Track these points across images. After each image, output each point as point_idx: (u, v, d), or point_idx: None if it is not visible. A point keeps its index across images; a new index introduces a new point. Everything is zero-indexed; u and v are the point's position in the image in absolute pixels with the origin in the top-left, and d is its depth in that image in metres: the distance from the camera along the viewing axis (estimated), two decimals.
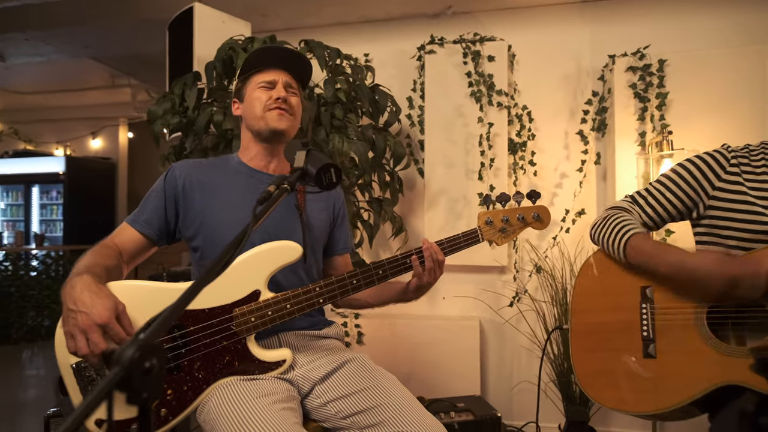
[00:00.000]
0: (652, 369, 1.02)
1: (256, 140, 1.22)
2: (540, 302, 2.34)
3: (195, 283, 0.59)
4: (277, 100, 1.16)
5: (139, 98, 5.78)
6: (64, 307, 0.90)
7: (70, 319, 0.88)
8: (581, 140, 2.37)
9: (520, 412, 2.39)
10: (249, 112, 1.20)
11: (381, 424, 0.98)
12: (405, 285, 1.18)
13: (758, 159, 1.05)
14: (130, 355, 0.47)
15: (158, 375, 0.49)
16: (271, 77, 1.19)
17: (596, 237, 1.16)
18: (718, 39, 2.28)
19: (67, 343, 0.89)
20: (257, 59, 1.20)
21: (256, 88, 1.19)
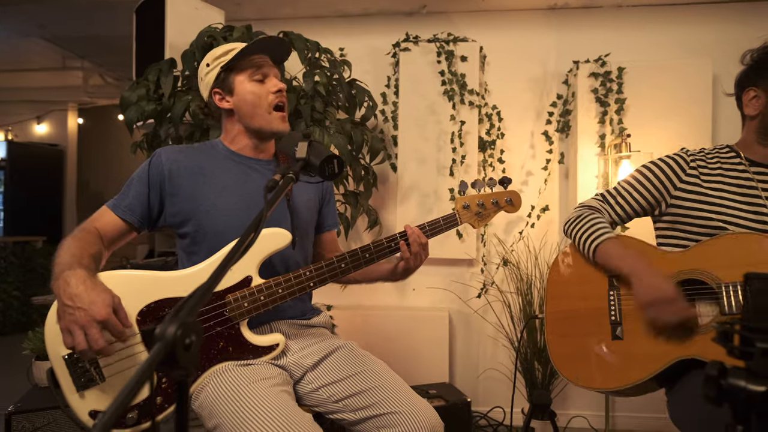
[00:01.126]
0: (619, 350, 1.12)
1: (249, 134, 1.20)
2: (506, 293, 2.46)
3: (220, 264, 0.61)
4: (278, 93, 1.16)
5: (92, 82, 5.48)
6: (58, 302, 0.89)
7: (67, 315, 0.86)
8: (546, 140, 2.50)
9: (486, 398, 2.50)
10: (247, 109, 1.16)
11: (373, 406, 1.03)
12: (393, 266, 1.22)
13: (713, 162, 1.17)
14: (173, 332, 0.49)
15: (195, 351, 0.51)
16: (263, 70, 1.17)
17: (570, 233, 1.26)
18: (671, 51, 2.47)
19: (63, 338, 0.87)
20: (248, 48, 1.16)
21: (247, 80, 1.16)
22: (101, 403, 0.94)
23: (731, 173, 1.15)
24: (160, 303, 1.00)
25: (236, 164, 1.20)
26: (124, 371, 0.96)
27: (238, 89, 1.17)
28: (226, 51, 1.17)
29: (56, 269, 0.92)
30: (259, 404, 0.92)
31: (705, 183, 1.15)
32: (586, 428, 2.43)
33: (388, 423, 0.99)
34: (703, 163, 1.18)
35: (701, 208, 1.13)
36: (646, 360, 1.07)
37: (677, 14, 2.49)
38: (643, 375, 1.06)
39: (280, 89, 1.17)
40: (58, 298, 0.89)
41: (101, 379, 0.94)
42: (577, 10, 2.57)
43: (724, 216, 1.09)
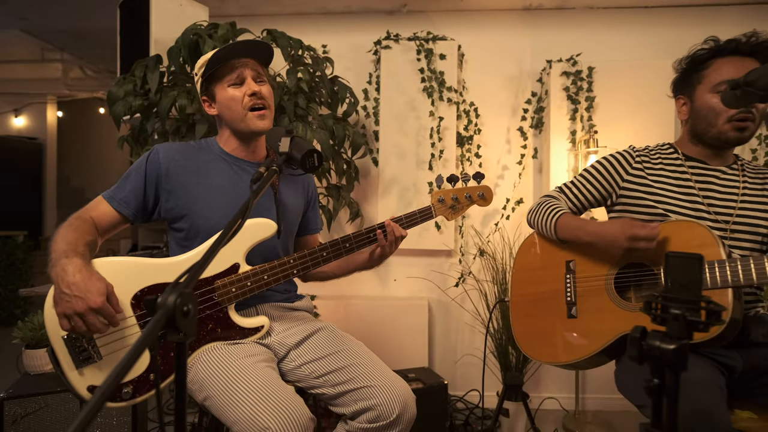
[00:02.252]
0: (574, 327, 1.24)
1: (236, 136, 1.27)
2: (483, 282, 2.58)
3: (213, 244, 0.69)
4: (252, 96, 1.20)
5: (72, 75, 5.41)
6: (56, 289, 0.95)
7: (64, 302, 0.93)
8: (521, 136, 2.62)
9: (464, 382, 2.62)
10: (228, 113, 1.22)
11: (350, 381, 1.12)
12: (368, 255, 1.31)
13: (656, 157, 1.30)
14: (173, 300, 0.58)
15: (193, 318, 0.60)
16: (238, 72, 1.21)
17: (532, 221, 1.37)
18: (637, 52, 2.60)
19: (60, 323, 0.94)
20: (218, 55, 1.20)
21: (226, 87, 1.21)
22: (98, 379, 1.01)
23: (670, 167, 1.27)
24: (153, 288, 1.08)
25: (229, 165, 1.27)
26: (119, 350, 1.03)
27: (219, 96, 1.23)
28: (206, 60, 1.21)
29: (53, 256, 0.99)
30: (246, 377, 1.01)
31: (649, 176, 1.27)
32: (557, 410, 2.56)
33: (365, 396, 1.09)
34: (647, 159, 1.30)
35: (646, 198, 1.25)
36: (596, 336, 1.18)
37: (644, 17, 2.62)
38: (592, 349, 1.18)
39: (255, 92, 1.21)
40: (56, 285, 0.95)
41: (98, 357, 1.02)
42: (551, 10, 2.68)
43: (666, 205, 1.22)
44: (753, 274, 0.97)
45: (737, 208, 1.18)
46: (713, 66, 1.21)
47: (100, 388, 0.49)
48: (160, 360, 1.06)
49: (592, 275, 1.24)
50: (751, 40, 1.16)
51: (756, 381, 1.12)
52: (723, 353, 1.10)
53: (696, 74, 1.24)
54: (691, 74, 1.26)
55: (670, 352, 0.68)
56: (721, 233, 1.16)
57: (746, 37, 1.17)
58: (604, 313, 1.18)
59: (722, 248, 1.05)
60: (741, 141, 1.19)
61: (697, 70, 1.24)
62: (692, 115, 1.26)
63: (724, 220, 1.18)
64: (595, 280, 1.23)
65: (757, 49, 1.16)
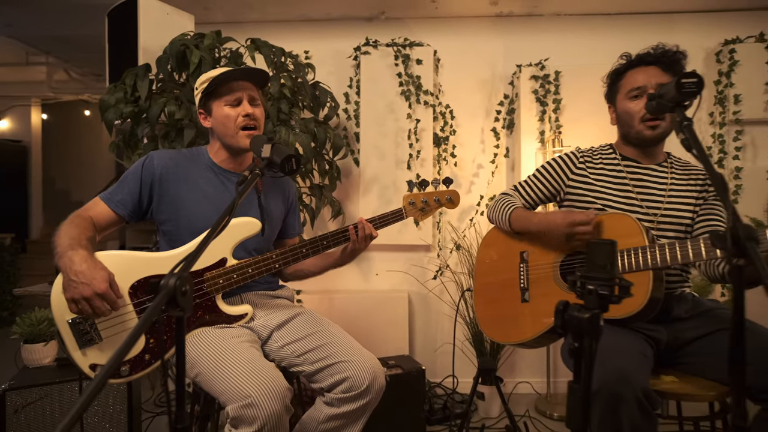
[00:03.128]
0: (527, 310, 1.39)
1: (225, 149, 1.40)
2: (459, 274, 2.73)
3: (204, 237, 0.82)
4: (246, 117, 1.33)
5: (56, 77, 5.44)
6: (64, 277, 1.08)
7: (72, 288, 1.06)
8: (494, 136, 2.77)
9: (443, 369, 2.77)
10: (221, 129, 1.35)
11: (327, 357, 1.25)
12: (341, 251, 1.44)
13: (597, 158, 1.46)
14: (173, 283, 0.70)
15: (190, 296, 0.73)
16: (237, 95, 1.34)
17: (491, 216, 1.53)
18: (600, 57, 2.75)
19: (69, 306, 1.08)
20: (222, 77, 1.32)
21: (223, 105, 1.34)
22: (100, 358, 1.13)
23: (609, 167, 1.43)
24: (149, 278, 1.20)
25: (216, 175, 1.39)
26: (118, 333, 1.15)
27: (215, 112, 1.36)
28: (208, 78, 1.35)
29: (58, 249, 1.11)
30: (231, 355, 1.14)
31: (590, 175, 1.43)
32: (530, 393, 2.73)
33: (339, 370, 1.23)
34: (590, 159, 1.46)
35: (587, 195, 1.41)
36: (545, 316, 1.34)
37: (607, 23, 2.79)
38: (541, 329, 1.33)
39: (248, 113, 1.34)
40: (64, 274, 1.08)
41: (99, 339, 1.14)
42: (521, 17, 2.83)
43: (604, 201, 1.37)
44: (668, 258, 1.13)
45: (665, 202, 1.35)
46: (626, 76, 1.39)
47: (111, 358, 0.61)
48: (154, 342, 1.19)
49: (541, 263, 1.39)
50: (653, 51, 1.34)
51: (679, 351, 1.28)
52: (650, 327, 1.25)
53: (616, 85, 1.42)
54: (614, 85, 1.44)
55: (585, 321, 0.83)
56: (650, 224, 1.32)
57: (652, 49, 1.35)
58: (551, 297, 1.33)
59: (646, 236, 1.20)
60: (656, 137, 1.36)
61: (616, 81, 1.42)
62: (618, 119, 1.43)
63: (653, 212, 1.34)
64: (544, 268, 1.38)
65: (659, 59, 1.34)
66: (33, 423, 1.79)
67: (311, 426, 1.25)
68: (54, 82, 5.48)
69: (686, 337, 1.26)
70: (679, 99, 0.94)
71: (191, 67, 1.87)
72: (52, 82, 5.47)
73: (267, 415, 1.03)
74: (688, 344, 1.26)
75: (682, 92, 0.93)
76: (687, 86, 0.93)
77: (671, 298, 1.29)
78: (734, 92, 2.62)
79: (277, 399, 1.06)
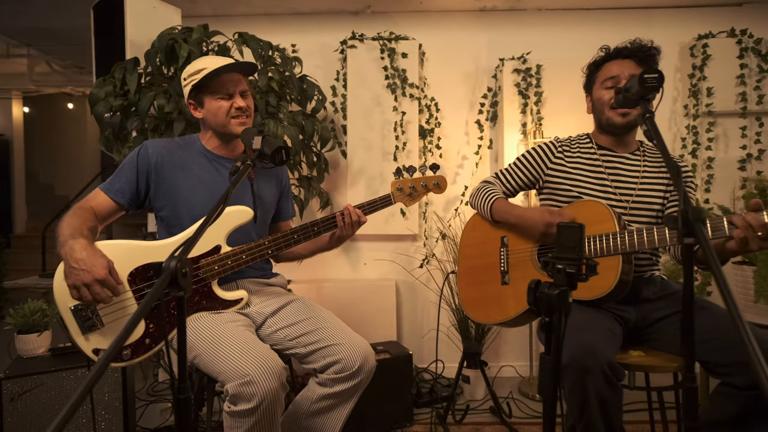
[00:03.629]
0: (507, 292, 1.47)
1: (217, 136, 1.45)
2: (445, 263, 2.81)
3: (200, 225, 0.88)
4: (238, 109, 1.38)
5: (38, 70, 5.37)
6: (66, 264, 1.13)
7: (73, 274, 1.11)
8: (478, 128, 2.84)
9: (430, 354, 2.86)
10: (213, 119, 1.40)
11: (320, 340, 1.32)
12: (330, 236, 1.50)
13: (574, 147, 1.54)
14: (174, 265, 0.76)
15: (189, 278, 0.79)
16: (228, 89, 1.38)
17: (473, 203, 1.60)
18: (580, 51, 2.84)
19: (71, 293, 1.12)
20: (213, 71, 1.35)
21: (215, 98, 1.38)
22: (102, 343, 1.19)
23: (586, 155, 1.51)
24: (147, 266, 1.25)
25: (209, 161, 1.44)
26: (118, 319, 1.21)
27: (207, 104, 1.40)
28: (198, 69, 1.38)
29: (61, 239, 1.16)
30: (228, 337, 1.20)
31: (568, 163, 1.51)
32: (514, 376, 2.83)
33: (332, 352, 1.30)
34: (567, 148, 1.54)
35: (565, 182, 1.49)
36: (522, 298, 1.41)
37: (587, 18, 2.87)
38: (519, 309, 1.42)
39: (240, 107, 1.39)
40: (66, 261, 1.12)
41: (101, 324, 1.19)
42: (504, 12, 2.90)
43: (580, 188, 1.46)
44: (635, 243, 1.22)
45: (637, 189, 1.44)
46: (604, 67, 1.48)
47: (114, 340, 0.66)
48: (154, 327, 1.24)
49: (520, 248, 1.47)
50: (630, 45, 1.42)
51: (647, 329, 1.37)
52: (619, 308, 1.35)
53: (594, 75, 1.50)
54: (591, 75, 1.52)
55: (555, 297, 0.91)
56: (623, 210, 1.41)
57: (630, 43, 1.43)
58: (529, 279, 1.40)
59: (617, 222, 1.29)
60: (626, 124, 1.44)
61: (594, 72, 1.51)
62: (593, 108, 1.51)
63: (626, 199, 1.43)
64: (523, 253, 1.46)
65: (635, 53, 1.42)
66: (29, 411, 1.83)
67: (305, 405, 1.32)
68: (36, 75, 5.40)
69: (653, 317, 1.36)
70: (643, 93, 1.02)
71: (180, 61, 1.91)
72: (34, 75, 5.39)
73: (265, 391, 1.09)
74: (655, 323, 1.36)
75: (645, 87, 1.01)
76: (649, 81, 1.00)
77: (641, 280, 1.38)
78: (707, 85, 2.72)
79: (274, 377, 1.12)
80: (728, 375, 1.18)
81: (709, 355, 1.19)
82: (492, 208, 1.52)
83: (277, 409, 1.14)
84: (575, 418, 1.14)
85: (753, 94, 2.70)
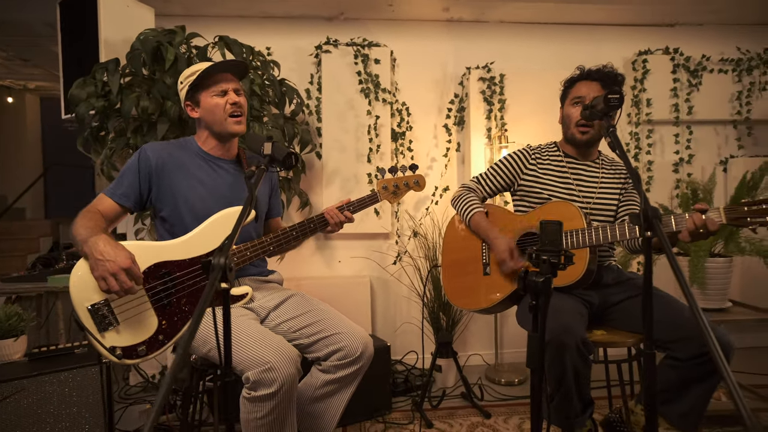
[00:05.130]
0: (487, 282, 1.65)
1: (214, 136, 1.52)
2: (417, 259, 2.97)
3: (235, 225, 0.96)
4: (233, 105, 1.46)
5: None
6: (91, 258, 1.18)
7: (99, 266, 1.16)
8: (446, 132, 3.02)
9: (402, 346, 3.01)
10: (210, 117, 1.47)
11: (322, 331, 1.43)
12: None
13: (545, 154, 1.74)
14: (222, 262, 0.85)
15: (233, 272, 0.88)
16: (222, 86, 1.46)
17: (455, 206, 1.77)
18: (540, 61, 3.09)
19: (99, 285, 1.18)
20: (208, 70, 1.44)
21: (211, 96, 1.45)
22: (117, 341, 1.23)
23: (554, 162, 1.71)
24: (159, 264, 1.31)
25: (206, 162, 1.51)
26: (133, 316, 1.26)
27: (204, 103, 1.47)
28: (194, 72, 1.45)
29: (79, 238, 1.21)
30: (242, 329, 1.28)
31: (539, 170, 1.71)
32: (481, 364, 3.04)
33: (334, 341, 1.41)
34: (539, 156, 1.73)
35: (537, 186, 1.69)
36: (502, 287, 1.60)
37: (546, 32, 3.11)
38: (500, 296, 1.59)
39: (235, 102, 1.47)
40: (91, 255, 1.18)
41: (116, 322, 1.24)
42: (470, 23, 3.09)
43: (549, 191, 1.66)
44: (601, 237, 1.42)
45: (597, 192, 1.65)
46: (576, 86, 1.68)
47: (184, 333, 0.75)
48: (166, 324, 1.30)
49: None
50: (601, 70, 1.63)
51: (606, 311, 1.59)
52: (585, 293, 1.55)
53: (567, 91, 1.70)
54: (566, 91, 1.72)
55: (540, 283, 1.07)
56: (586, 210, 1.62)
57: (602, 66, 1.64)
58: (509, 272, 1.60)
59: (584, 220, 1.49)
60: (585, 141, 1.66)
61: (568, 88, 1.71)
62: (562, 120, 1.72)
63: (587, 201, 1.64)
64: None
65: (601, 77, 1.63)
66: (10, 416, 1.80)
67: (309, 391, 1.43)
68: None
69: (612, 300, 1.58)
70: (606, 110, 1.21)
71: (167, 64, 1.93)
72: None
73: (284, 376, 1.19)
74: (614, 306, 1.58)
75: (608, 105, 1.20)
76: (612, 101, 1.19)
77: (601, 268, 1.60)
78: (647, 96, 3.05)
79: (291, 363, 1.22)
80: (673, 349, 1.40)
81: (658, 333, 1.41)
82: (470, 221, 1.72)
83: (293, 391, 1.24)
84: (554, 388, 1.33)
85: (684, 105, 3.06)
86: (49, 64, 4.78)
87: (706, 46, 3.10)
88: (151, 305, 1.27)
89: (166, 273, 1.31)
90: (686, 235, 1.26)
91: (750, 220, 1.20)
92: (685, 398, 1.37)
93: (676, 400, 1.38)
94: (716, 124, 3.17)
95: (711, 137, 3.18)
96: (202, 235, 1.37)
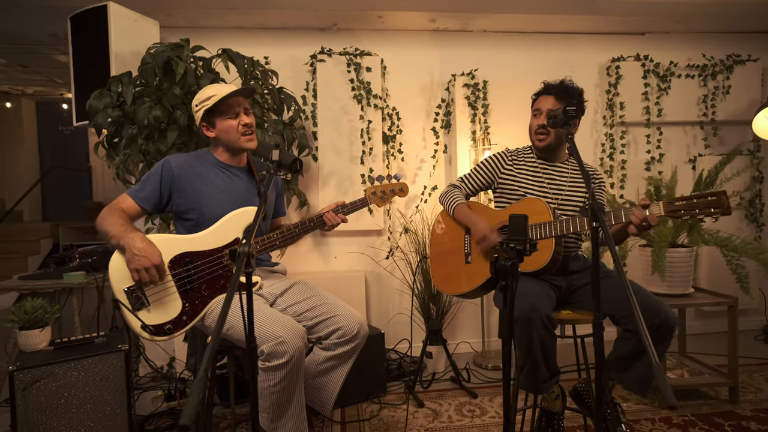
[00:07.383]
0: (469, 269, 1.86)
1: (228, 150, 1.73)
2: (408, 254, 3.18)
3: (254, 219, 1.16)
4: (245, 126, 1.68)
5: None
6: (128, 252, 1.41)
7: (135, 260, 1.39)
8: (434, 135, 3.23)
9: (396, 335, 3.22)
10: (225, 137, 1.68)
11: (324, 313, 1.63)
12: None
13: (521, 157, 1.95)
14: (247, 250, 1.05)
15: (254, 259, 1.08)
16: (235, 110, 1.67)
17: (442, 202, 1.99)
18: (519, 69, 3.31)
19: (132, 275, 1.41)
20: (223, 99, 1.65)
21: (225, 119, 1.67)
22: (148, 319, 1.44)
23: (529, 164, 1.93)
24: (183, 254, 1.52)
25: (222, 170, 1.73)
26: (161, 299, 1.46)
27: (219, 125, 1.69)
28: (208, 96, 1.66)
29: (114, 233, 1.43)
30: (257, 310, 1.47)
31: (516, 170, 1.93)
32: (469, 351, 3.26)
33: (334, 322, 1.61)
34: (516, 157, 1.95)
35: (514, 184, 1.90)
36: (481, 274, 1.82)
37: (525, 41, 3.33)
38: (480, 281, 1.81)
39: (246, 123, 1.69)
40: (128, 250, 1.40)
41: (148, 303, 1.44)
42: (455, 32, 3.30)
43: (524, 189, 1.88)
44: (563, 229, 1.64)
45: (566, 190, 1.88)
46: (537, 99, 1.90)
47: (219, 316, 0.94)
48: (189, 306, 1.50)
49: None
50: (554, 85, 1.84)
51: (574, 294, 1.81)
52: (553, 278, 1.77)
53: (533, 103, 1.92)
54: (532, 104, 1.93)
55: (509, 267, 1.28)
56: (555, 205, 1.84)
57: (558, 82, 1.85)
58: (486, 260, 1.82)
59: (552, 214, 1.71)
60: (544, 147, 1.87)
61: (534, 101, 1.93)
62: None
63: (557, 197, 1.86)
64: None
65: (556, 91, 1.83)
66: (41, 399, 1.98)
67: (312, 367, 1.63)
68: None
69: (577, 284, 1.80)
70: (565, 120, 1.42)
71: (177, 77, 2.12)
72: None
73: (294, 348, 1.40)
74: (578, 289, 1.80)
75: (567, 116, 1.42)
76: (569, 113, 1.41)
77: (568, 257, 1.82)
78: (620, 100, 3.28)
79: (300, 337, 1.43)
80: (626, 324, 1.62)
81: (614, 309, 1.63)
82: (454, 212, 1.94)
83: (302, 362, 1.44)
84: (523, 360, 1.54)
85: (654, 108, 3.30)
86: (49, 70, 4.92)
87: (674, 53, 3.34)
88: (176, 289, 1.48)
89: (188, 261, 1.51)
90: (633, 228, 1.49)
91: (683, 212, 1.43)
92: (638, 365, 1.60)
93: (631, 366, 1.61)
94: (685, 125, 3.42)
95: (680, 137, 3.43)
96: (219, 231, 1.58)
